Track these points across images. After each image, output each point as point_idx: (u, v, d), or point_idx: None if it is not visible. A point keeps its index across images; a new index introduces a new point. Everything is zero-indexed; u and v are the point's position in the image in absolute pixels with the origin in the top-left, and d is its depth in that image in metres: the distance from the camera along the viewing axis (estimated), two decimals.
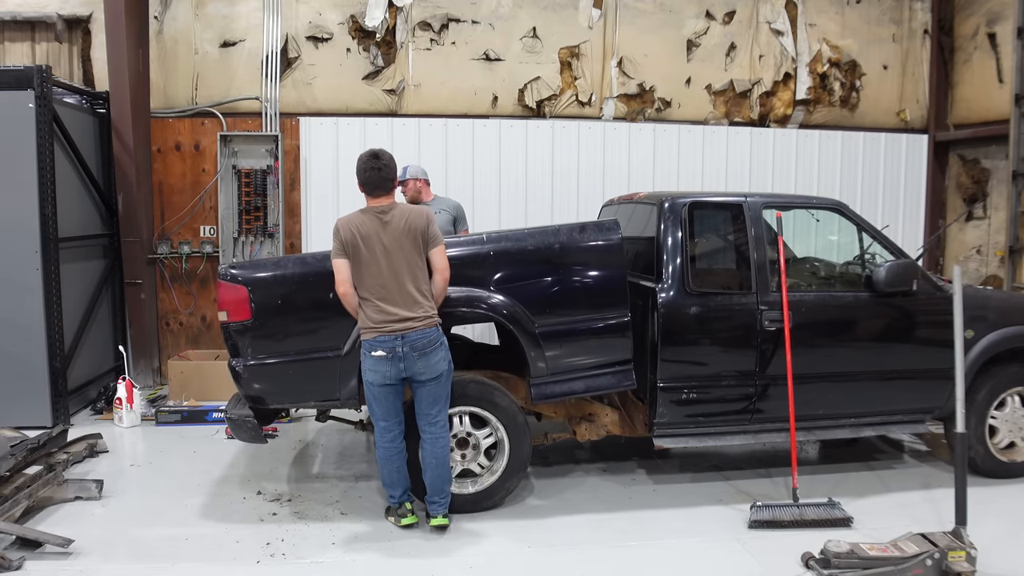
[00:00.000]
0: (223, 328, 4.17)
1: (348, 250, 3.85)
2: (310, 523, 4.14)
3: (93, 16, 7.04)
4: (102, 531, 4.01)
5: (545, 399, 4.27)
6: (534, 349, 4.18)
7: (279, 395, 4.24)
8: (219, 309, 4.15)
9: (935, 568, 3.42)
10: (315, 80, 7.35)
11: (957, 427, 3.71)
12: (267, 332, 4.11)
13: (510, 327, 4.16)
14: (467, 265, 4.17)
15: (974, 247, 7.97)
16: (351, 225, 3.87)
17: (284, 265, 4.25)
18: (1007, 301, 5.05)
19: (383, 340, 3.80)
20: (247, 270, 4.18)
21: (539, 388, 4.24)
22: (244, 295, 4.06)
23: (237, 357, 4.14)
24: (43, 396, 5.68)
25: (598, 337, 4.25)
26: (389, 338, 3.79)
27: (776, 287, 4.45)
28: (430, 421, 3.95)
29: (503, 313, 4.14)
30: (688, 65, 7.82)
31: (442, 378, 3.91)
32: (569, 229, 4.33)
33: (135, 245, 6.86)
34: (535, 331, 4.16)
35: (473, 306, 4.14)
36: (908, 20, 8.24)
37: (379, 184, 3.92)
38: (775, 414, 4.49)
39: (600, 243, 4.28)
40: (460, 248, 4.22)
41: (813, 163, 7.97)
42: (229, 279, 4.12)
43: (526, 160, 7.51)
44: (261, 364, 4.11)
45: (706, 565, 3.71)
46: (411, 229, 3.85)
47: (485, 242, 4.25)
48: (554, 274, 4.23)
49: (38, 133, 5.53)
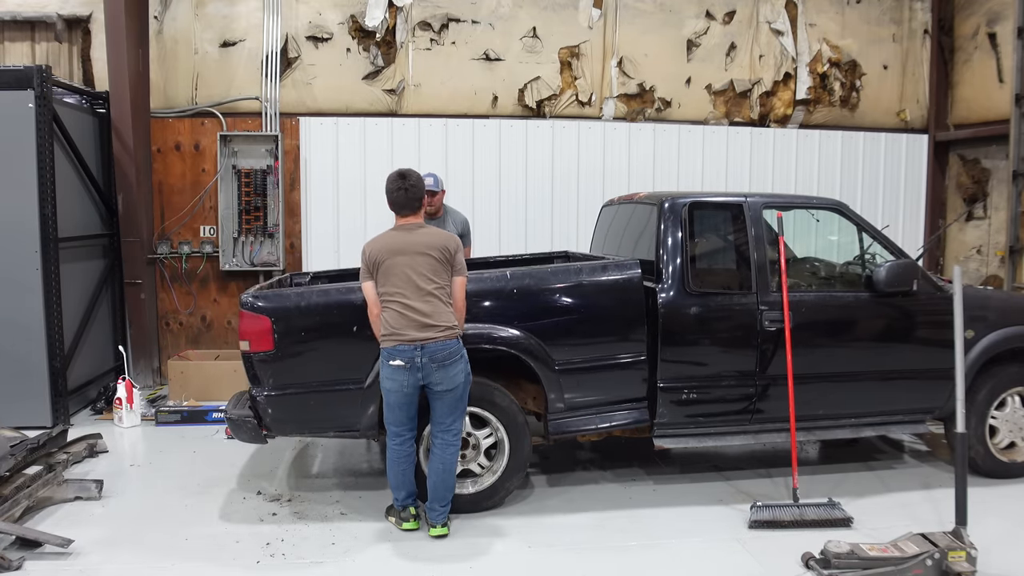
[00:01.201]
0: (244, 357, 4.15)
1: (373, 269, 3.84)
2: (310, 523, 4.13)
3: (93, 16, 7.04)
4: (102, 531, 4.00)
5: (560, 434, 4.34)
6: (553, 386, 4.24)
7: (299, 425, 4.25)
8: (240, 338, 4.13)
9: (935, 568, 3.42)
10: (315, 80, 7.35)
11: (957, 427, 3.71)
12: (289, 363, 4.10)
13: (531, 363, 4.20)
14: (490, 300, 4.20)
15: (974, 247, 7.97)
16: (376, 244, 3.89)
17: (307, 296, 4.20)
18: (1007, 301, 5.05)
19: (402, 350, 3.77)
20: (270, 300, 4.14)
21: (556, 423, 4.31)
22: (267, 326, 4.04)
23: (258, 386, 4.13)
24: (43, 396, 5.68)
25: (615, 375, 4.32)
26: (408, 348, 3.76)
27: (776, 287, 4.45)
28: (444, 428, 3.93)
29: (525, 350, 4.18)
30: (688, 65, 7.82)
31: (459, 389, 3.87)
32: (591, 269, 4.39)
33: (135, 245, 6.86)
34: (555, 368, 4.22)
35: (494, 342, 4.16)
36: (908, 20, 8.24)
37: (406, 204, 3.95)
38: (775, 414, 4.49)
39: (620, 281, 4.32)
40: (485, 283, 4.24)
41: (813, 163, 7.98)
42: (252, 309, 4.08)
43: (526, 160, 7.51)
44: (282, 395, 4.10)
45: (706, 565, 3.71)
46: (440, 247, 3.86)
47: (509, 279, 4.27)
48: (575, 312, 4.29)
49: (38, 133, 5.53)
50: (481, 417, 4.25)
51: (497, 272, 4.33)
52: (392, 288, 3.82)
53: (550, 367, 4.22)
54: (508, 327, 4.18)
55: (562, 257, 5.96)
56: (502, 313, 4.20)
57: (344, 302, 4.14)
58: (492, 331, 4.17)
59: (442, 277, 3.86)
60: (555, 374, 4.23)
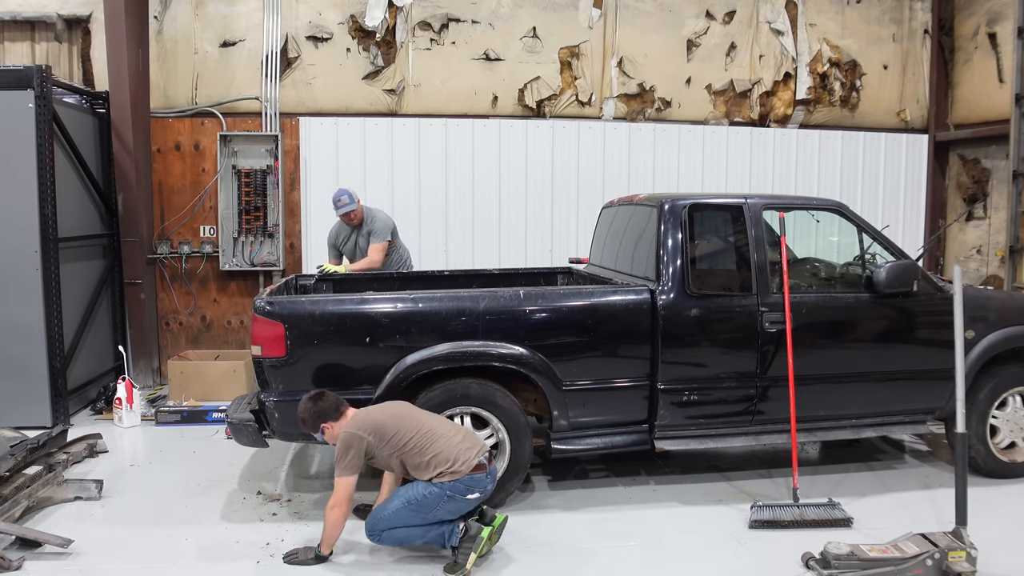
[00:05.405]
0: (255, 362, 4.16)
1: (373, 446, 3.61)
2: (310, 523, 4.13)
3: (93, 16, 7.04)
4: (102, 531, 4.00)
5: (563, 454, 4.36)
6: (559, 405, 4.26)
7: (305, 432, 4.24)
8: (252, 343, 4.13)
9: (935, 568, 3.42)
10: (315, 80, 7.35)
11: (957, 427, 3.70)
12: (300, 370, 4.09)
13: (539, 383, 4.23)
14: (502, 317, 4.21)
15: (974, 247, 7.97)
16: (370, 434, 3.60)
17: (322, 304, 4.19)
18: (1007, 301, 5.04)
19: (479, 479, 3.62)
20: (285, 307, 4.13)
21: (559, 443, 4.34)
22: (280, 332, 4.04)
23: (267, 391, 4.13)
24: (43, 396, 5.68)
25: (619, 396, 4.35)
26: (481, 476, 3.64)
27: (776, 289, 4.45)
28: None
29: (534, 368, 4.20)
30: (688, 65, 7.82)
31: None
32: (602, 291, 4.42)
33: (135, 245, 6.85)
34: (562, 388, 4.25)
35: (504, 360, 4.18)
36: (908, 20, 8.24)
37: (326, 414, 3.70)
38: (776, 415, 4.49)
39: (630, 304, 4.33)
40: (498, 302, 4.25)
41: (813, 163, 7.98)
42: (266, 315, 4.08)
43: (526, 160, 7.51)
44: (291, 401, 4.07)
45: (706, 565, 3.71)
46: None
47: (522, 299, 4.29)
48: (585, 334, 4.31)
49: (38, 133, 5.53)
50: (482, 418, 4.25)
51: (510, 291, 4.36)
52: (420, 427, 3.63)
53: (557, 386, 4.24)
54: (518, 345, 4.21)
55: (564, 274, 6.00)
56: (512, 331, 4.22)
57: (358, 311, 4.15)
58: (502, 348, 4.19)
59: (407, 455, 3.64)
60: (561, 393, 4.26)
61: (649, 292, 4.37)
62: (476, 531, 3.59)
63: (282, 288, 5.04)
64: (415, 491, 3.58)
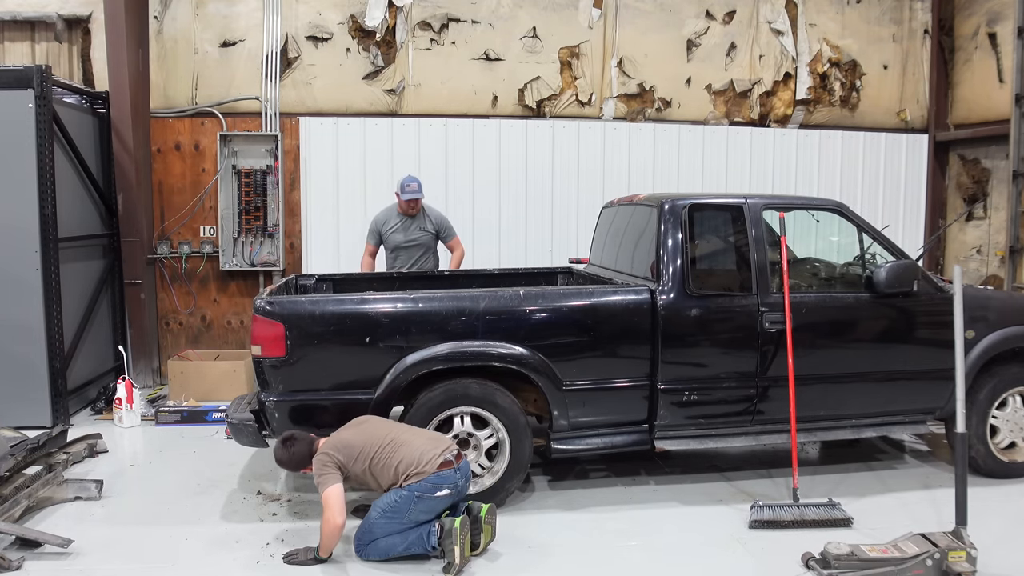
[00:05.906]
0: (255, 362, 4.16)
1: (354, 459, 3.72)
2: (310, 523, 4.13)
3: (93, 16, 7.04)
4: (102, 531, 4.00)
5: (563, 454, 4.36)
6: (559, 405, 4.27)
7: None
8: (252, 343, 4.13)
9: (935, 568, 3.42)
10: (315, 80, 7.35)
11: (957, 427, 3.70)
12: (300, 369, 4.09)
13: (539, 383, 4.23)
14: (502, 318, 4.22)
15: (974, 247, 7.97)
16: (339, 452, 3.71)
17: (322, 304, 4.19)
18: (1007, 301, 5.04)
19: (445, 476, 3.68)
20: (285, 307, 4.13)
21: (559, 443, 4.35)
22: (280, 332, 4.04)
23: (267, 391, 4.13)
24: (43, 396, 5.68)
25: (619, 396, 4.36)
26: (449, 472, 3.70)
27: (777, 288, 4.45)
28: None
29: (534, 368, 4.21)
30: (688, 65, 7.82)
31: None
32: (603, 291, 4.42)
33: (135, 245, 6.85)
34: (562, 388, 4.25)
35: (504, 360, 4.19)
36: (908, 20, 8.24)
37: (301, 463, 3.77)
38: (776, 415, 4.49)
39: (630, 304, 4.33)
40: (498, 302, 4.26)
41: (813, 163, 7.98)
42: (265, 315, 4.08)
43: (526, 160, 7.51)
44: (291, 400, 4.10)
45: (706, 565, 3.71)
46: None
47: (522, 299, 4.29)
48: (585, 334, 4.31)
49: (38, 133, 5.53)
50: (482, 418, 4.25)
51: (510, 291, 4.37)
52: (384, 440, 3.73)
53: (557, 386, 4.24)
54: (518, 345, 4.21)
55: (564, 274, 6.00)
56: (512, 331, 4.22)
57: (358, 312, 4.15)
58: (502, 348, 4.19)
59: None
60: (561, 393, 4.26)
61: (649, 292, 4.37)
62: (449, 525, 3.59)
63: (282, 288, 5.04)
64: (387, 499, 3.67)
